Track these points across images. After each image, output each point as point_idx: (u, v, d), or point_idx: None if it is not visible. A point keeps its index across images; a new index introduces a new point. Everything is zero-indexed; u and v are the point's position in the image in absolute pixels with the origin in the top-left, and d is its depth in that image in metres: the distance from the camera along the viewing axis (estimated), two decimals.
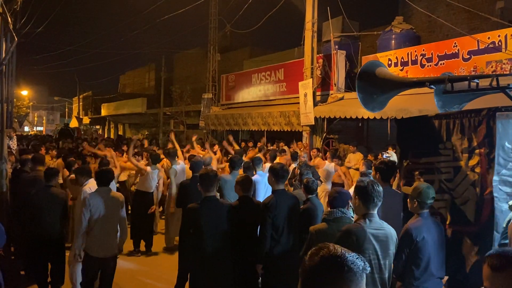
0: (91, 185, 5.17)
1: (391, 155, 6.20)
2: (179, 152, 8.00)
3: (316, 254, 1.47)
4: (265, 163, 7.39)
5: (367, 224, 3.04)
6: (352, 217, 3.84)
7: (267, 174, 6.50)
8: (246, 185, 4.57)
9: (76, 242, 4.64)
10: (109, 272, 4.74)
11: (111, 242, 4.70)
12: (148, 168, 7.43)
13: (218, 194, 5.26)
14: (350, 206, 4.15)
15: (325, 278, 1.43)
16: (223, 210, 4.17)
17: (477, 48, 8.57)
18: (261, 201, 4.70)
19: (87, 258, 4.59)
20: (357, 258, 1.45)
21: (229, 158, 6.77)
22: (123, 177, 9.12)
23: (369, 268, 1.48)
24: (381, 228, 3.09)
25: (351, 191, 6.42)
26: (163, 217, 8.19)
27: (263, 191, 6.00)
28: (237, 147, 9.67)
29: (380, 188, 3.11)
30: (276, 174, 4.43)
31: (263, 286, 4.48)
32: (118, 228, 4.81)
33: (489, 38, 8.39)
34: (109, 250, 4.66)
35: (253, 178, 5.92)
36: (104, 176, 4.76)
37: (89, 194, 4.72)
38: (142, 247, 7.38)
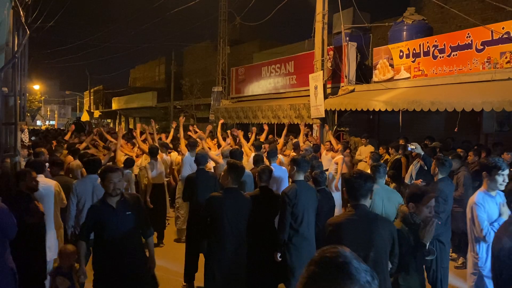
0: None
1: (416, 148, 6.13)
2: (182, 141, 7.95)
3: (320, 254, 1.44)
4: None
5: (350, 216, 3.00)
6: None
7: (282, 167, 6.56)
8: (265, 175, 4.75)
9: (66, 225, 5.12)
10: None
11: None
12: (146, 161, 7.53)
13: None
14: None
15: (323, 272, 1.39)
16: (244, 201, 4.24)
17: (491, 39, 8.42)
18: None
19: (76, 239, 4.99)
20: (364, 270, 1.39)
21: (230, 151, 6.75)
22: (135, 170, 9.20)
23: (375, 286, 1.39)
24: (364, 219, 2.99)
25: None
26: (172, 208, 8.25)
27: (278, 182, 6.06)
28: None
29: (365, 180, 3.02)
30: (298, 165, 4.54)
31: (280, 274, 4.54)
32: None
33: (503, 28, 8.23)
34: None
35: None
36: (93, 165, 5.25)
37: (76, 181, 5.32)
38: (154, 239, 7.44)
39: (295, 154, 8.25)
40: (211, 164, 7.03)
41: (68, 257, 4.17)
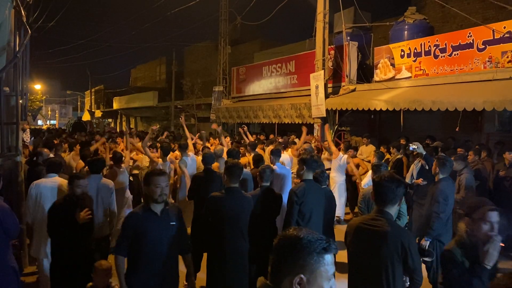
0: None
1: (418, 147, 6.11)
2: (189, 140, 8.04)
3: (276, 241, 1.57)
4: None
5: (367, 220, 2.89)
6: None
7: (285, 167, 6.57)
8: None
9: None
10: (103, 251, 5.10)
11: (102, 224, 5.15)
12: (160, 161, 7.47)
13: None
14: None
15: (281, 255, 1.51)
16: (245, 201, 4.24)
17: (492, 38, 8.42)
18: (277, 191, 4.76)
19: None
20: (317, 240, 1.49)
21: (227, 150, 6.79)
22: (136, 170, 9.21)
23: (334, 250, 1.50)
24: (373, 224, 2.82)
25: (364, 182, 6.42)
26: None
27: (282, 181, 6.08)
28: (251, 139, 9.66)
29: (397, 185, 2.84)
30: (307, 164, 4.57)
31: None
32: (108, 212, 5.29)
33: (504, 27, 8.22)
34: (100, 231, 5.06)
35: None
36: (96, 165, 5.26)
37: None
38: None
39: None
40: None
41: (104, 275, 3.74)
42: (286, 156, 7.83)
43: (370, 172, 6.45)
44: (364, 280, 2.85)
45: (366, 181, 6.33)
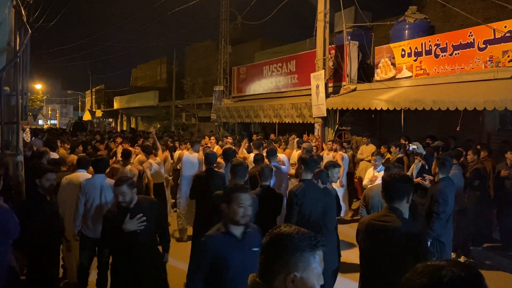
0: None
1: (418, 147, 6.10)
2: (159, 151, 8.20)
3: (268, 233, 1.57)
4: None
5: (378, 217, 2.93)
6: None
7: (282, 166, 6.56)
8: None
9: (74, 223, 4.98)
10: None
11: None
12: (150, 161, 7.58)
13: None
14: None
15: (273, 253, 1.53)
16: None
17: (493, 37, 8.40)
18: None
19: (82, 238, 4.93)
20: (307, 237, 1.51)
21: (223, 150, 6.83)
22: (134, 170, 9.26)
23: (323, 247, 1.52)
24: (385, 220, 2.86)
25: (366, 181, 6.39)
26: (175, 209, 8.25)
27: (284, 180, 6.11)
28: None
29: (405, 182, 2.93)
30: (305, 164, 4.55)
31: None
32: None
33: (505, 27, 8.20)
34: None
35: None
36: (100, 164, 5.24)
37: (85, 180, 5.19)
38: None
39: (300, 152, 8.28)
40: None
41: None
42: (284, 156, 7.82)
43: (372, 172, 6.45)
44: (380, 276, 2.87)
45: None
